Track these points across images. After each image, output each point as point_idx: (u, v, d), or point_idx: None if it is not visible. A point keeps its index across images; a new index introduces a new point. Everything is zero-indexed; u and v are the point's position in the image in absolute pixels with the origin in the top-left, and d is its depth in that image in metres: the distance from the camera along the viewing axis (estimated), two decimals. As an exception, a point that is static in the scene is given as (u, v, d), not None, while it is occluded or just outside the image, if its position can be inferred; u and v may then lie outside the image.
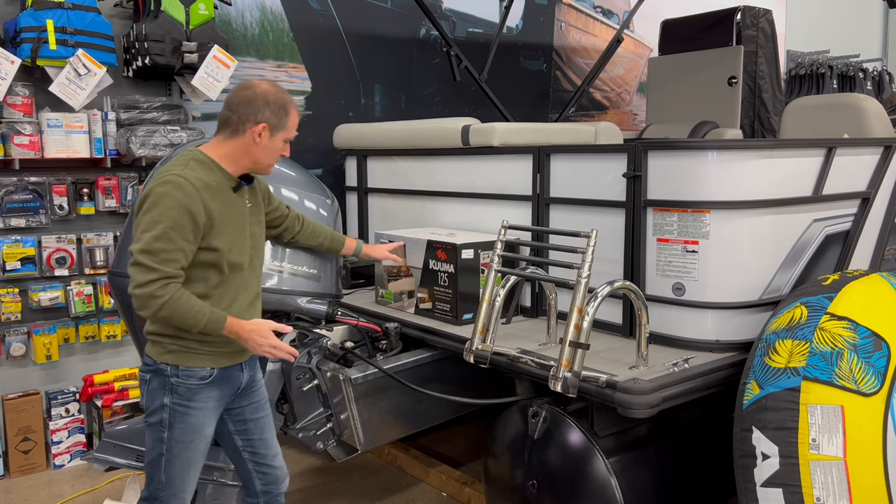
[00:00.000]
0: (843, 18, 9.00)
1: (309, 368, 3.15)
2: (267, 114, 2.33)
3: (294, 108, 2.42)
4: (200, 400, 2.37)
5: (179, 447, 2.37)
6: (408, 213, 4.23)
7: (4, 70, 3.69)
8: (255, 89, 2.34)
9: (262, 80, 2.40)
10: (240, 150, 2.35)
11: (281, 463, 2.67)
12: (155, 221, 2.18)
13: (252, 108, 2.32)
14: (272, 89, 2.37)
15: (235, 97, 2.35)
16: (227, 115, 2.34)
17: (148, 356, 2.38)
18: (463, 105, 5.80)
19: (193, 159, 2.31)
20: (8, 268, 3.96)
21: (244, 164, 2.38)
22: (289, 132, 2.41)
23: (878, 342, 2.48)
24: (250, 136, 2.33)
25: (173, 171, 2.24)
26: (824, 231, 3.24)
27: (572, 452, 2.73)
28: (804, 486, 2.35)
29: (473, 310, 3.33)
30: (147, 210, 2.20)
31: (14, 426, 3.99)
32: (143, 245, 2.17)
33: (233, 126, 2.33)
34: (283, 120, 2.37)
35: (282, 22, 4.91)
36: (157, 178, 2.24)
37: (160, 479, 2.40)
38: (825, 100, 4.28)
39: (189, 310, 2.23)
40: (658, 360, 2.79)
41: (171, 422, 2.35)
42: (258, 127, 2.32)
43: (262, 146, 2.35)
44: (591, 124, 3.98)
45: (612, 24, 6.77)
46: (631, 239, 3.10)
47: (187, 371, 2.34)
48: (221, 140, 2.36)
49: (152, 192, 2.21)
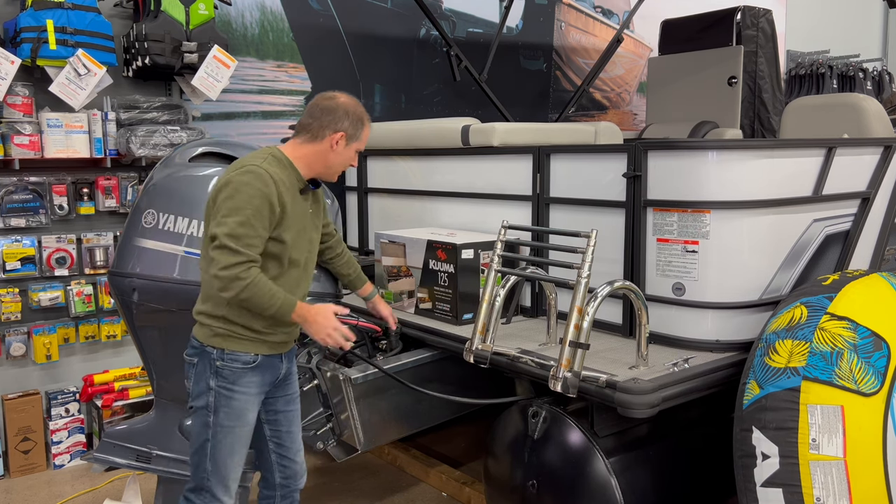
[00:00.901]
0: (843, 18, 9.00)
1: (309, 368, 3.15)
2: (346, 124, 2.48)
3: (368, 122, 2.57)
4: (244, 385, 2.44)
5: (224, 432, 2.44)
6: (408, 213, 4.23)
7: (4, 70, 3.69)
8: (337, 100, 2.50)
9: (343, 93, 2.54)
10: (315, 155, 2.48)
11: (302, 459, 2.75)
12: (238, 208, 2.28)
13: (333, 117, 2.47)
14: (352, 102, 2.52)
15: (318, 106, 2.49)
16: (309, 121, 2.48)
17: (195, 338, 2.46)
18: (463, 105, 5.80)
19: (272, 155, 2.42)
20: (8, 268, 3.96)
21: (316, 169, 2.51)
22: (361, 144, 2.56)
23: (878, 342, 2.48)
24: (328, 143, 2.47)
25: (254, 163, 2.34)
26: (824, 231, 3.24)
27: (572, 452, 2.73)
28: (804, 486, 2.35)
29: (473, 310, 3.32)
30: (229, 196, 2.29)
31: (14, 426, 3.99)
32: (229, 230, 2.26)
33: (313, 132, 2.47)
34: (358, 131, 2.52)
35: (282, 22, 4.91)
36: (237, 167, 2.34)
37: (206, 466, 2.46)
38: (825, 100, 4.28)
39: (267, 292, 2.32)
40: (658, 360, 2.79)
41: (217, 405, 2.42)
42: (337, 135, 2.47)
43: (336, 153, 2.49)
44: (591, 124, 3.98)
45: (612, 24, 6.77)
46: (631, 239, 3.10)
47: (232, 355, 2.42)
48: (300, 143, 2.49)
49: (233, 181, 2.31)
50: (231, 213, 2.28)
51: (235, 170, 2.35)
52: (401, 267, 3.61)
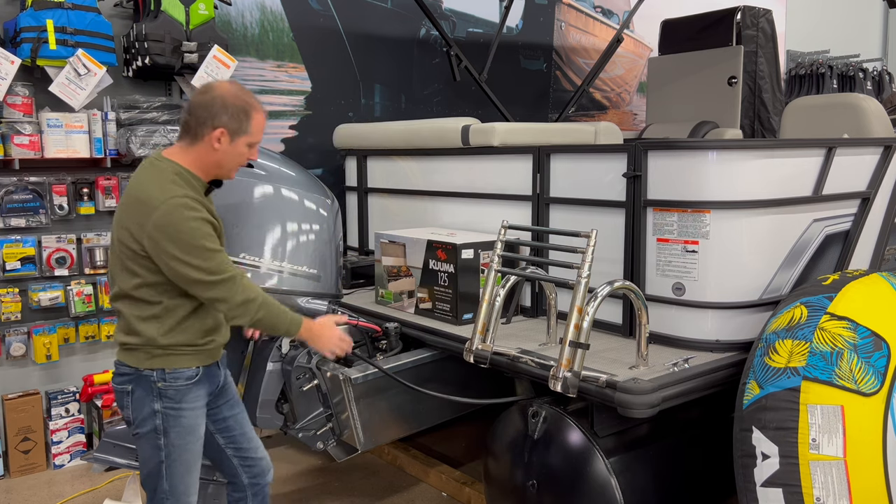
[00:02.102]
0: (843, 18, 9.00)
1: (309, 368, 3.15)
2: (224, 118, 2.25)
3: (258, 110, 2.32)
4: (190, 400, 2.36)
5: (178, 451, 2.36)
6: (408, 213, 4.23)
7: (4, 70, 3.69)
8: (212, 92, 2.26)
9: (225, 82, 2.32)
10: (202, 157, 2.29)
11: (265, 454, 2.69)
12: (191, 245, 2.17)
13: (209, 112, 2.24)
14: (232, 91, 2.27)
15: (194, 101, 2.28)
16: (187, 118, 2.28)
17: (126, 365, 2.34)
18: (463, 105, 5.80)
19: (175, 173, 2.25)
20: (8, 268, 3.96)
21: (210, 171, 2.34)
22: (252, 136, 2.32)
23: (878, 342, 2.48)
24: (209, 142, 2.27)
25: (174, 193, 2.19)
26: (824, 231, 3.24)
27: (572, 452, 2.73)
28: (804, 486, 2.35)
29: (473, 310, 3.32)
30: (173, 238, 2.16)
31: (14, 426, 3.99)
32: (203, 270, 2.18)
33: (192, 132, 2.28)
34: (243, 124, 2.28)
35: (282, 22, 4.91)
36: (157, 205, 2.17)
37: (163, 487, 2.38)
38: (825, 100, 4.28)
39: (277, 308, 2.34)
40: (658, 360, 2.79)
41: (166, 427, 2.33)
42: (216, 132, 2.25)
43: (222, 151, 2.28)
44: (591, 124, 3.98)
45: (612, 24, 6.77)
46: (631, 239, 3.10)
47: (174, 373, 2.33)
48: (185, 146, 2.30)
49: (168, 221, 2.16)
50: (191, 254, 2.17)
51: (156, 209, 2.16)
52: (401, 267, 3.61)
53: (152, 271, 2.24)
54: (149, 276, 2.25)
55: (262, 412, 3.19)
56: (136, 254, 2.23)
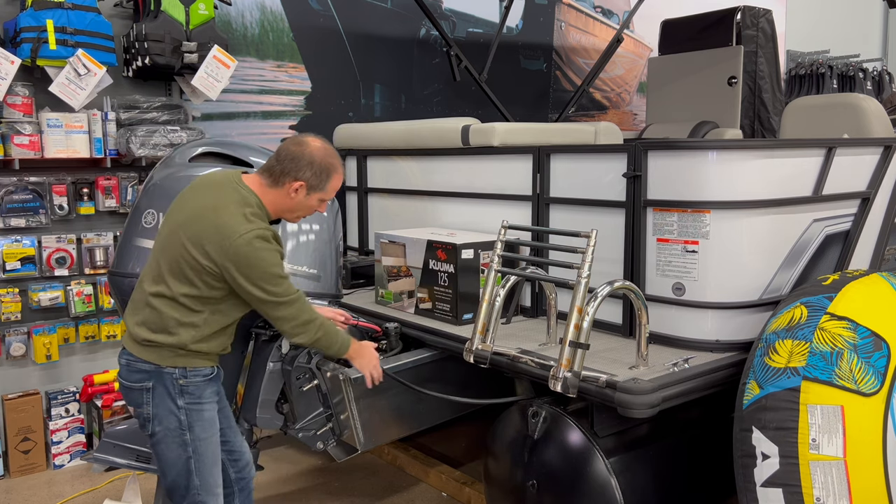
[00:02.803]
0: (843, 18, 9.00)
1: (309, 368, 3.15)
2: (308, 174, 2.42)
3: (339, 174, 2.51)
4: (208, 396, 2.49)
5: (203, 444, 2.47)
6: (408, 213, 4.23)
7: (4, 70, 3.69)
8: (304, 147, 2.44)
9: (318, 140, 2.50)
10: (277, 200, 2.46)
11: (247, 448, 2.79)
12: (266, 273, 2.33)
13: (295, 164, 2.42)
14: (321, 152, 2.46)
15: (285, 149, 2.45)
16: (273, 164, 2.44)
17: (146, 362, 2.41)
18: (463, 105, 5.80)
19: (258, 206, 2.41)
20: (8, 268, 3.96)
21: (279, 213, 2.51)
22: (326, 194, 2.50)
23: (878, 342, 2.48)
24: (287, 190, 2.43)
25: (256, 226, 2.33)
26: (824, 231, 3.24)
27: (572, 452, 2.73)
28: (804, 486, 2.35)
29: (473, 310, 3.32)
30: (251, 266, 2.31)
31: (14, 426, 3.99)
32: (273, 293, 2.35)
33: (274, 176, 2.43)
34: (323, 182, 2.46)
35: (282, 22, 4.91)
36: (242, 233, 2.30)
37: (195, 483, 2.46)
38: (825, 100, 4.28)
39: (332, 329, 2.53)
40: (658, 360, 2.79)
41: (190, 422, 2.44)
42: (296, 184, 2.42)
43: (296, 202, 2.46)
44: (591, 124, 3.98)
45: (612, 24, 6.77)
46: (631, 239, 3.10)
47: (195, 371, 2.44)
48: (265, 186, 2.45)
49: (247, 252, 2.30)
50: (265, 281, 2.34)
51: (239, 237, 2.31)
52: (401, 267, 3.61)
53: (211, 287, 2.36)
54: (205, 290, 2.37)
55: (262, 412, 3.19)
56: (204, 269, 2.34)
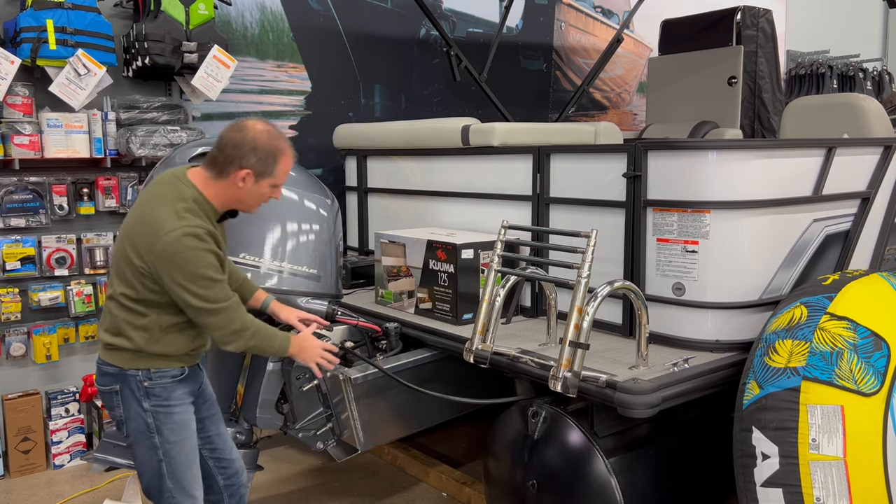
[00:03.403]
0: (843, 18, 9.00)
1: (309, 368, 3.15)
2: (252, 160, 2.30)
3: (286, 155, 2.37)
4: (178, 398, 2.40)
5: (175, 448, 2.39)
6: (408, 213, 4.23)
7: (4, 70, 3.69)
8: (245, 132, 2.30)
9: (259, 122, 2.36)
10: (224, 193, 2.34)
11: (238, 456, 2.71)
12: (195, 274, 2.22)
13: (238, 152, 2.29)
14: (264, 135, 2.32)
15: (225, 137, 2.32)
16: (216, 154, 2.32)
17: (111, 365, 2.36)
18: (463, 105, 5.80)
19: (194, 200, 2.29)
20: (8, 268, 3.96)
21: (229, 205, 2.39)
22: (276, 179, 2.37)
23: (878, 342, 2.48)
24: (233, 180, 2.31)
25: (187, 223, 2.22)
26: (824, 231, 3.24)
27: (572, 452, 2.73)
28: (804, 486, 2.35)
29: (473, 310, 3.32)
30: (179, 265, 2.21)
31: (14, 426, 3.99)
32: (201, 297, 2.24)
33: (218, 167, 2.31)
34: (269, 167, 2.33)
35: (282, 22, 4.91)
36: (167, 230, 2.20)
37: (167, 486, 2.40)
38: (825, 100, 4.28)
39: (267, 332, 2.41)
40: (658, 360, 2.79)
41: (158, 425, 2.37)
42: (242, 172, 2.30)
43: (245, 191, 2.34)
44: (591, 124, 3.98)
45: (612, 24, 6.77)
46: (631, 239, 3.10)
47: (160, 372, 2.36)
48: (210, 178, 2.34)
49: (174, 250, 2.20)
50: (192, 282, 2.22)
51: (167, 233, 2.20)
52: (401, 267, 3.61)
53: (149, 289, 2.28)
54: (144, 293, 2.29)
55: (262, 412, 3.19)
56: (138, 270, 2.27)
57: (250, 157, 2.29)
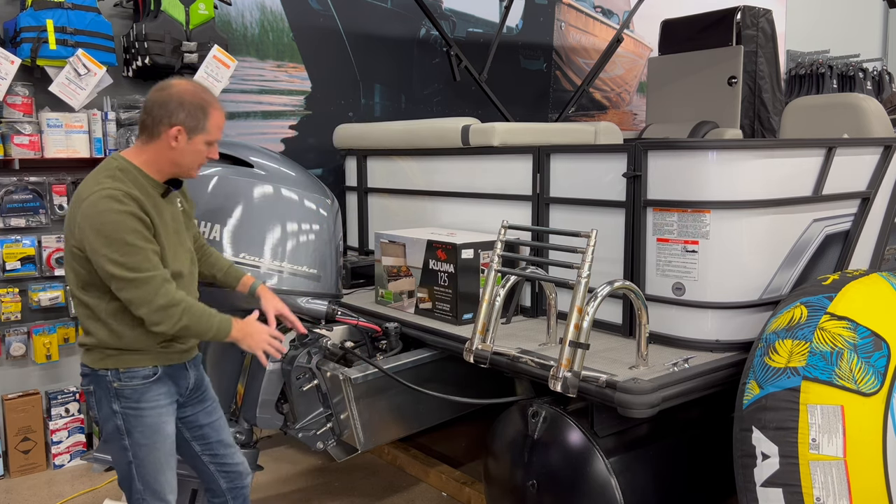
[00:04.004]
0: (843, 18, 9.00)
1: (309, 368, 3.15)
2: (182, 116, 2.22)
3: (216, 108, 2.29)
4: (150, 399, 2.31)
5: (145, 451, 2.32)
6: (408, 213, 4.23)
7: (4, 70, 3.69)
8: (170, 90, 2.23)
9: (182, 80, 2.28)
10: (159, 156, 2.26)
11: (242, 459, 2.65)
12: (113, 238, 2.11)
13: (165, 110, 2.21)
14: (189, 89, 2.24)
15: (150, 99, 2.24)
16: (143, 117, 2.24)
17: (85, 366, 2.33)
18: (463, 105, 5.80)
19: (119, 168, 2.22)
20: (8, 268, 3.96)
21: (167, 170, 2.29)
22: (209, 135, 2.28)
23: (878, 342, 2.48)
24: (166, 140, 2.23)
25: (104, 185, 2.15)
26: (824, 231, 3.24)
27: (572, 452, 2.73)
28: (804, 486, 2.35)
29: (473, 310, 3.32)
30: (97, 231, 2.12)
31: (14, 426, 3.99)
32: (120, 265, 2.11)
33: (148, 129, 2.24)
34: (200, 122, 2.25)
35: (282, 22, 4.91)
36: (86, 196, 2.15)
37: (137, 487, 2.35)
38: (825, 100, 4.28)
39: (201, 311, 2.23)
40: (658, 360, 2.79)
41: (128, 427, 2.30)
42: (173, 130, 2.22)
43: (179, 150, 2.25)
44: (591, 124, 3.98)
45: (612, 24, 6.77)
46: (631, 239, 3.10)
47: (129, 372, 2.28)
48: (141, 145, 2.27)
49: (93, 212, 2.12)
50: (110, 247, 2.11)
51: (85, 200, 2.13)
52: (401, 267, 3.61)
53: (89, 271, 2.21)
54: (86, 276, 2.22)
55: (262, 412, 3.19)
56: (72, 250, 2.21)
57: (179, 113, 2.21)
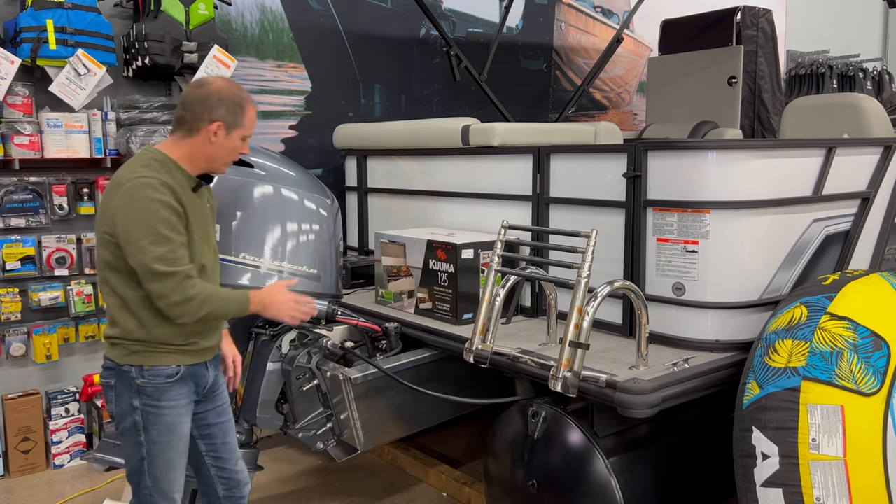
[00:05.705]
0: (843, 18, 9.00)
1: (309, 368, 3.15)
2: (222, 111, 2.29)
3: (251, 104, 2.38)
4: (170, 398, 2.34)
5: (159, 448, 2.34)
6: (408, 213, 4.23)
7: (4, 70, 3.69)
8: (209, 87, 2.31)
9: (218, 77, 2.36)
10: (196, 150, 2.32)
11: (242, 468, 2.65)
12: (146, 227, 2.16)
13: (205, 106, 2.28)
14: (227, 86, 2.32)
15: (189, 95, 2.31)
16: (182, 113, 2.31)
17: (109, 359, 2.34)
18: (463, 105, 5.80)
19: (154, 159, 2.27)
20: (8, 268, 3.96)
21: (200, 165, 2.35)
22: (246, 130, 2.36)
23: (878, 342, 2.48)
24: (205, 135, 2.30)
25: (141, 174, 2.20)
26: (824, 231, 3.24)
27: (572, 452, 2.73)
28: (804, 486, 2.35)
29: (473, 310, 3.32)
30: (130, 218, 2.17)
31: (14, 426, 3.99)
32: (150, 255, 2.16)
33: (187, 125, 2.30)
34: (238, 118, 2.32)
35: (282, 22, 4.91)
36: (123, 182, 2.20)
37: (146, 483, 2.36)
38: (825, 100, 4.28)
39: (222, 299, 2.26)
40: (658, 360, 2.79)
41: (146, 424, 2.32)
42: (213, 126, 2.29)
43: (217, 145, 2.32)
44: (591, 124, 3.98)
45: (612, 24, 6.77)
46: (631, 239, 3.10)
47: (153, 370, 2.31)
48: (178, 139, 2.33)
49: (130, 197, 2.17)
50: (142, 234, 2.15)
51: (122, 186, 2.19)
52: (401, 267, 3.61)
53: (119, 258, 2.23)
54: (116, 263, 2.24)
55: (262, 412, 3.19)
56: (106, 237, 2.23)
57: (219, 109, 2.28)
